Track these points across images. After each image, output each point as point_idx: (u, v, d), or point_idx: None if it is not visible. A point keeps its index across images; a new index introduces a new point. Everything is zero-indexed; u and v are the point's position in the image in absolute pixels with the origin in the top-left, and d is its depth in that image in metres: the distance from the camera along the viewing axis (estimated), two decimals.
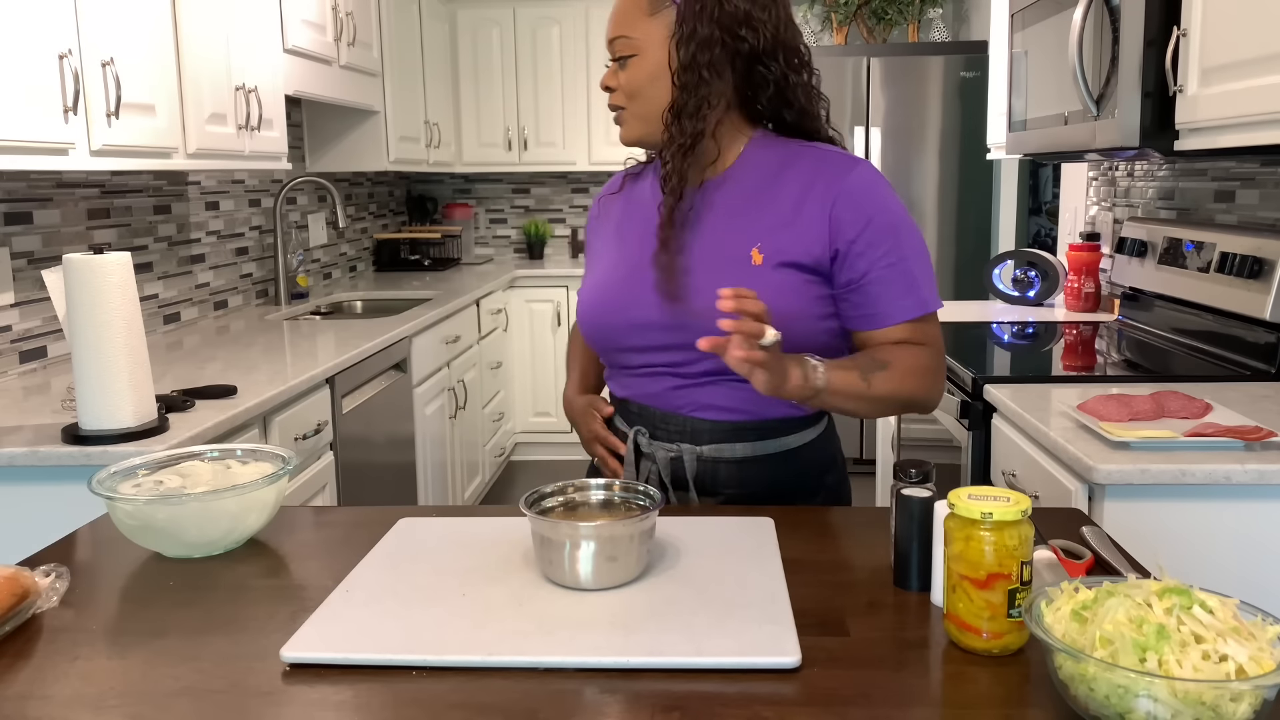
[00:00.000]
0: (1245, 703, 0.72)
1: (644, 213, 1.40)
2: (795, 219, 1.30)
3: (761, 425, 1.37)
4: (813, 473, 1.42)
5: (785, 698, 0.85)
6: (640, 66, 1.31)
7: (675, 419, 1.38)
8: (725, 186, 1.35)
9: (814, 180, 1.31)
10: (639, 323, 1.35)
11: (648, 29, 1.30)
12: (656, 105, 1.31)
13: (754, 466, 1.38)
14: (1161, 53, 1.97)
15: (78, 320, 1.65)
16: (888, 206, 1.30)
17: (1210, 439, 1.55)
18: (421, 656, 0.91)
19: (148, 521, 1.17)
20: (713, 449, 1.37)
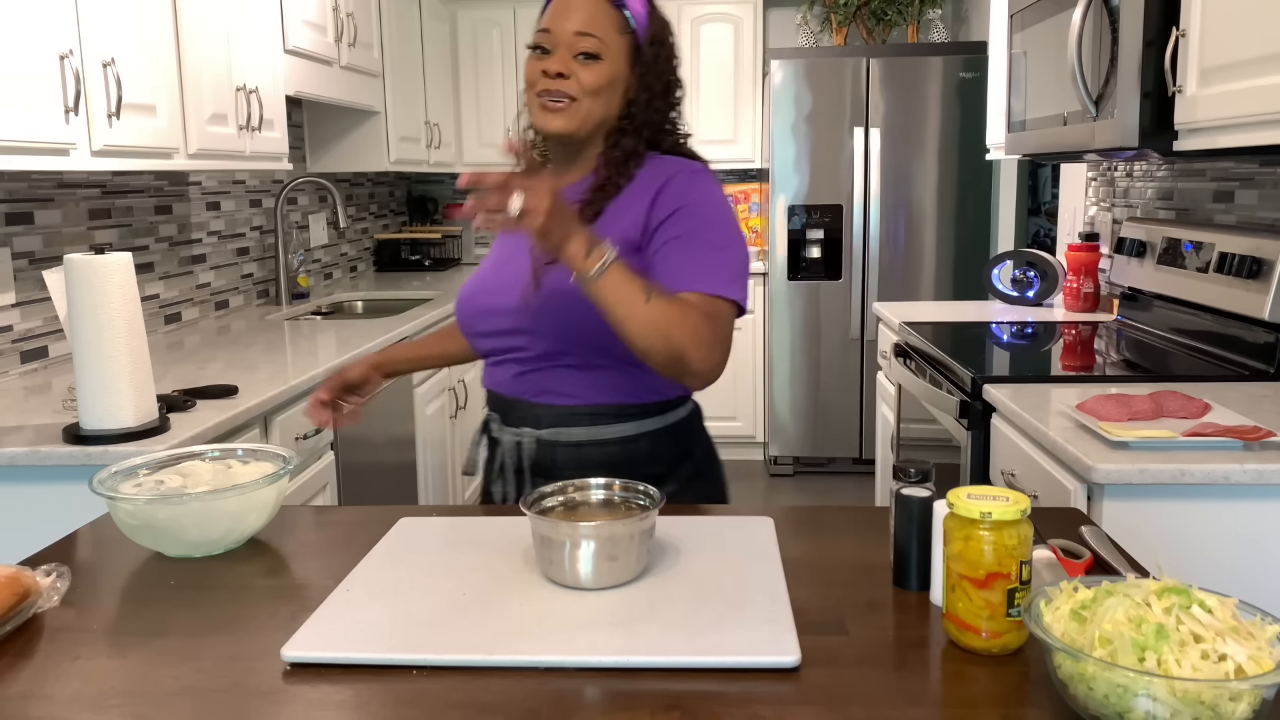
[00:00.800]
0: (1244, 702, 0.73)
1: None
2: (625, 211, 1.41)
3: (595, 411, 1.44)
4: (658, 463, 1.45)
5: (785, 697, 0.85)
6: (602, 71, 1.40)
7: (521, 404, 1.47)
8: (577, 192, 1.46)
9: (650, 177, 1.43)
10: (487, 309, 1.47)
11: (616, 41, 1.41)
12: (603, 109, 1.42)
13: (591, 451, 1.45)
14: (1161, 53, 1.97)
15: (79, 320, 1.65)
16: (704, 204, 1.40)
17: (1209, 439, 1.55)
18: (421, 656, 0.91)
19: (148, 521, 1.17)
20: (551, 432, 1.45)
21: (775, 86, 4.46)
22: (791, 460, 4.72)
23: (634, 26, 1.42)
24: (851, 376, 4.60)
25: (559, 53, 1.39)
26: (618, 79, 1.41)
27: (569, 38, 1.38)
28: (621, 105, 1.44)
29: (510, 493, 1.50)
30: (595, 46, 1.38)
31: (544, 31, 1.40)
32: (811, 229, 4.52)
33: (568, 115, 1.40)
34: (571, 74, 1.39)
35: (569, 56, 1.39)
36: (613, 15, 1.40)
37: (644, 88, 1.43)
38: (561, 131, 1.41)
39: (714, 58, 4.90)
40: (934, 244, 4.49)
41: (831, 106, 4.44)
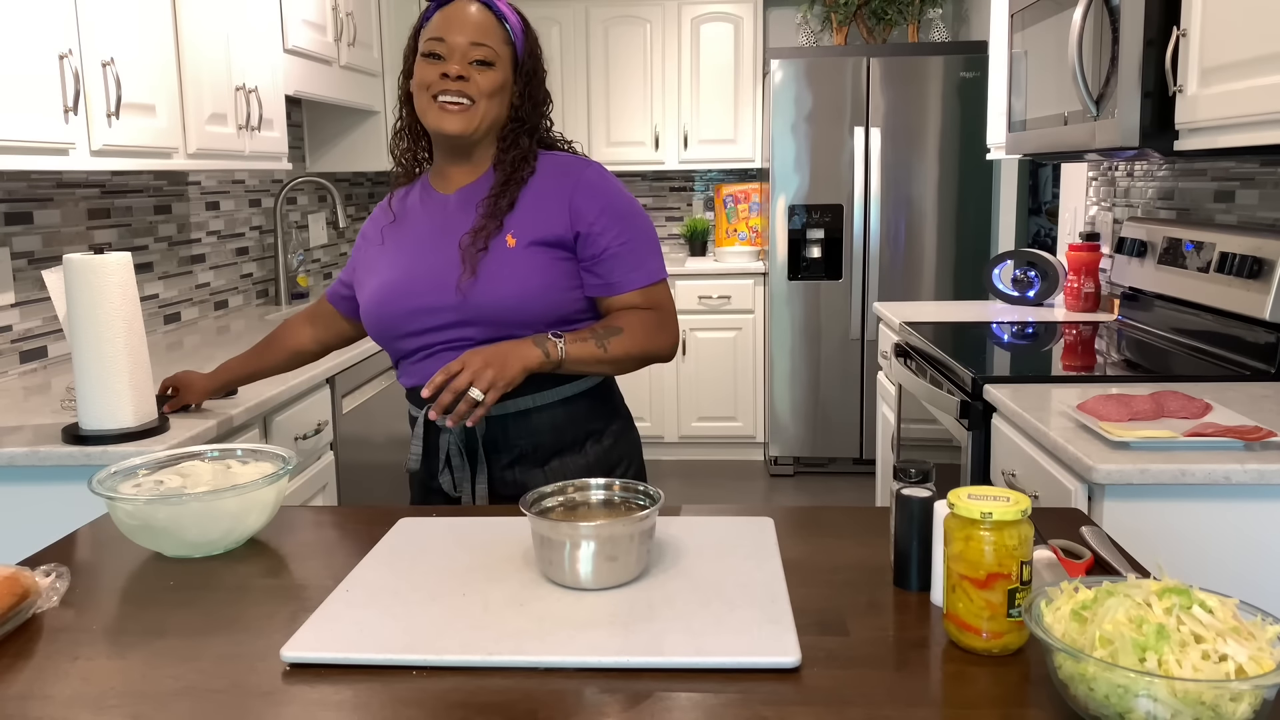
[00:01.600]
0: (1245, 702, 0.72)
1: (414, 220, 1.61)
2: (539, 206, 1.54)
3: (536, 378, 1.50)
4: (596, 419, 1.61)
5: (785, 698, 0.85)
6: (496, 77, 1.53)
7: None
8: (483, 188, 1.59)
9: (556, 178, 1.57)
10: (416, 309, 1.53)
11: (504, 51, 1.55)
12: (496, 112, 1.56)
13: (537, 417, 1.55)
14: (1161, 53, 1.97)
15: (78, 320, 1.65)
16: (618, 197, 1.57)
17: (1210, 439, 1.55)
18: (421, 656, 0.91)
19: (148, 521, 1.17)
20: (497, 407, 1.52)
21: (775, 86, 4.46)
22: (792, 460, 4.72)
23: (514, 39, 1.56)
24: (852, 376, 4.60)
25: (455, 59, 1.51)
26: (506, 85, 1.55)
27: (464, 46, 1.51)
28: (508, 109, 1.58)
29: (462, 479, 1.55)
30: (488, 55, 1.52)
31: (438, 40, 1.52)
32: (812, 229, 4.52)
33: (467, 116, 1.52)
34: (470, 78, 1.51)
35: (466, 63, 1.51)
36: (498, 28, 1.54)
37: (527, 95, 1.59)
38: (460, 132, 1.52)
39: (714, 57, 4.90)
40: (934, 244, 4.49)
41: (832, 106, 4.44)
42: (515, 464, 1.57)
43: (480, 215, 1.54)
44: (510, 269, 1.50)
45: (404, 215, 1.64)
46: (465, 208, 1.57)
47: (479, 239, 1.51)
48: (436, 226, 1.58)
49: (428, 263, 1.55)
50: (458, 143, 1.56)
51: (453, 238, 1.54)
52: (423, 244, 1.57)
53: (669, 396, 4.84)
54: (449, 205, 1.59)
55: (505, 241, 1.52)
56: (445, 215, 1.58)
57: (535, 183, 1.56)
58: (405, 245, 1.60)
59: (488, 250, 1.51)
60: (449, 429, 1.53)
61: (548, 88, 1.64)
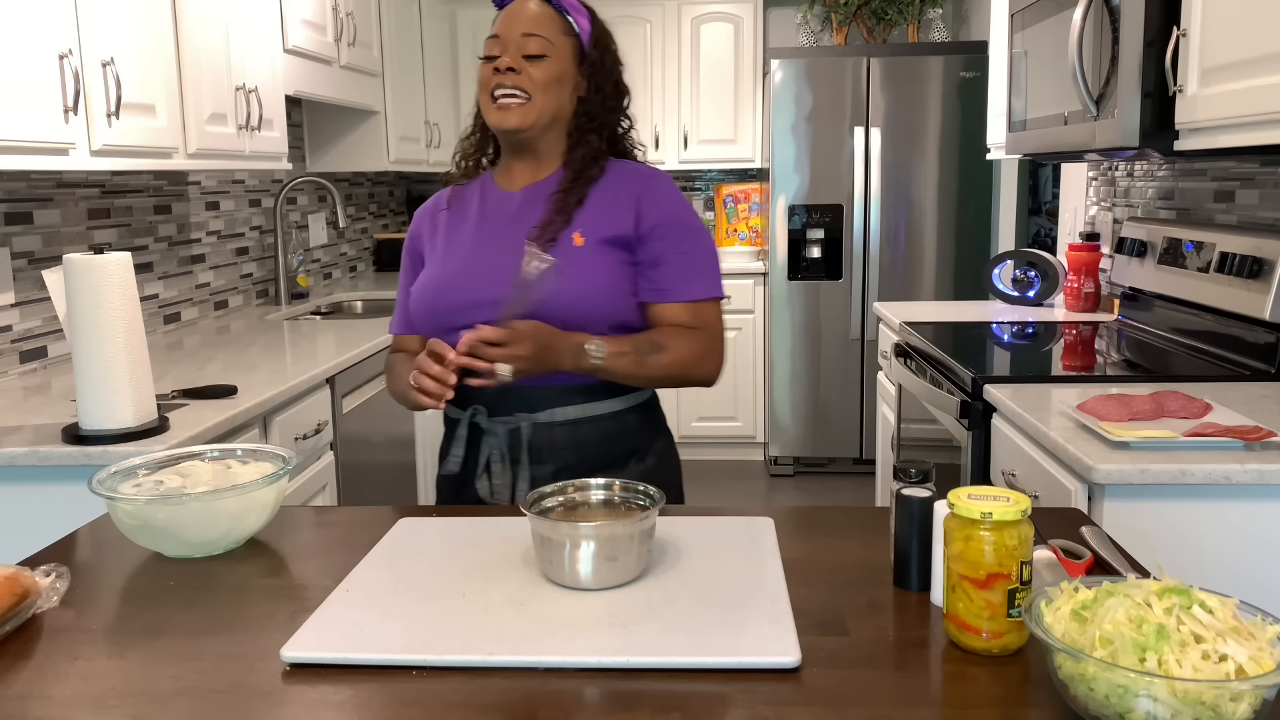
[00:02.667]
0: (1245, 702, 0.72)
1: (474, 215, 1.58)
2: (608, 207, 1.52)
3: (588, 387, 1.50)
4: (642, 436, 1.57)
5: (785, 698, 0.85)
6: (551, 69, 1.50)
7: (510, 391, 1.48)
8: (552, 186, 1.55)
9: (627, 182, 1.55)
10: (471, 302, 1.48)
11: (561, 42, 1.51)
12: (554, 105, 1.52)
13: (586, 429, 1.51)
14: (1161, 53, 1.97)
15: (78, 320, 1.65)
16: (684, 210, 1.56)
17: (1210, 439, 1.55)
18: (421, 656, 0.91)
19: (148, 521, 1.17)
20: (546, 414, 1.49)
21: (775, 86, 4.46)
22: (792, 460, 4.72)
23: (577, 30, 1.53)
24: (852, 376, 4.60)
25: (509, 52, 1.49)
26: (565, 76, 1.51)
27: (516, 39, 1.48)
28: (574, 104, 1.54)
29: (502, 486, 1.50)
30: (542, 46, 1.49)
31: (494, 38, 1.51)
32: (812, 229, 4.52)
33: (522, 111, 1.49)
34: (521, 70, 1.48)
35: (518, 55, 1.48)
36: (556, 19, 1.51)
37: (595, 88, 1.54)
38: (516, 127, 1.49)
39: (714, 57, 4.90)
40: (934, 244, 4.49)
41: (832, 106, 4.44)
42: (559, 475, 1.48)
43: (549, 210, 1.51)
44: (576, 267, 1.46)
45: (462, 210, 1.60)
46: (532, 204, 1.54)
47: (547, 233, 1.48)
48: (500, 221, 1.55)
49: (489, 256, 1.51)
50: (517, 138, 1.52)
51: (517, 233, 1.51)
52: (484, 237, 1.54)
53: (669, 396, 4.84)
54: (514, 201, 1.56)
55: (573, 239, 1.49)
56: (510, 211, 1.55)
57: (604, 183, 1.54)
58: (463, 238, 1.56)
59: (556, 244, 1.48)
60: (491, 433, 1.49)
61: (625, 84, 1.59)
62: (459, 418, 1.53)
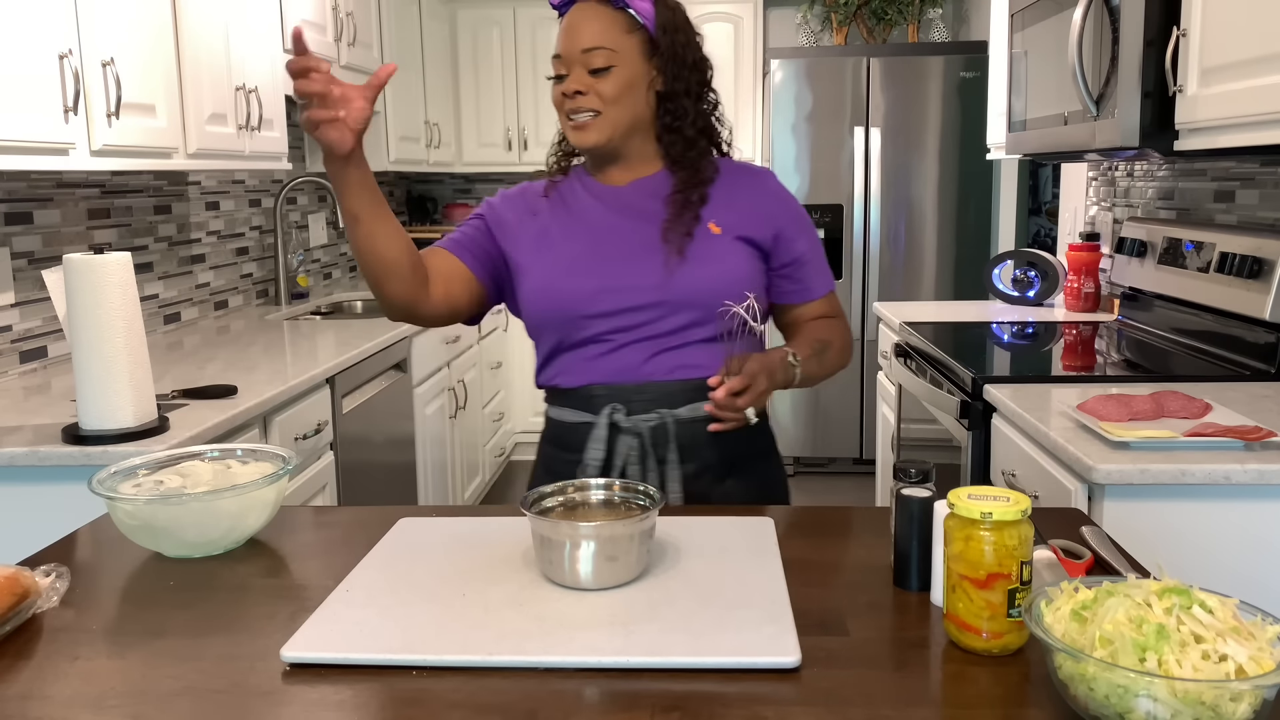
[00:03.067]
0: (1245, 702, 0.72)
1: (584, 205, 1.53)
2: (735, 205, 1.50)
3: None
4: (765, 439, 1.57)
5: (785, 698, 0.85)
6: (620, 77, 1.45)
7: (651, 387, 1.45)
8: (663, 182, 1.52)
9: (745, 180, 1.54)
10: (609, 288, 1.44)
11: (627, 44, 1.45)
12: (630, 113, 1.47)
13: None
14: (1161, 53, 1.97)
15: (78, 320, 1.65)
16: (799, 205, 1.57)
17: (1210, 439, 1.55)
18: (421, 656, 0.91)
19: (148, 521, 1.17)
20: (689, 409, 1.45)
21: (775, 86, 4.46)
22: (792, 460, 4.72)
23: (642, 22, 1.46)
24: (852, 376, 4.60)
25: (574, 72, 1.45)
26: (636, 80, 1.46)
27: (579, 56, 1.44)
28: (653, 101, 1.49)
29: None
30: (606, 58, 1.44)
31: (557, 58, 1.47)
32: None
33: (597, 128, 1.45)
34: (589, 89, 1.44)
35: (583, 73, 1.44)
36: (617, 19, 1.45)
37: (676, 78, 1.48)
38: (596, 144, 1.46)
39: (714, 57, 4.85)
40: (934, 244, 4.49)
41: (832, 106, 4.44)
42: (700, 474, 1.47)
43: (675, 206, 1.47)
44: (718, 255, 1.45)
45: (564, 203, 1.54)
46: (646, 197, 1.50)
47: (679, 226, 1.45)
48: (615, 213, 1.50)
49: (619, 244, 1.47)
50: (599, 153, 1.50)
51: (639, 222, 1.48)
52: (605, 226, 1.49)
53: None
54: (622, 196, 1.51)
55: (709, 229, 1.47)
56: (624, 203, 1.51)
57: (721, 182, 1.52)
58: (578, 229, 1.50)
59: (693, 236, 1.45)
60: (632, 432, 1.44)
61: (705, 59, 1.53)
62: (592, 421, 1.46)
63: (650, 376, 1.45)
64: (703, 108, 1.53)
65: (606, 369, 1.46)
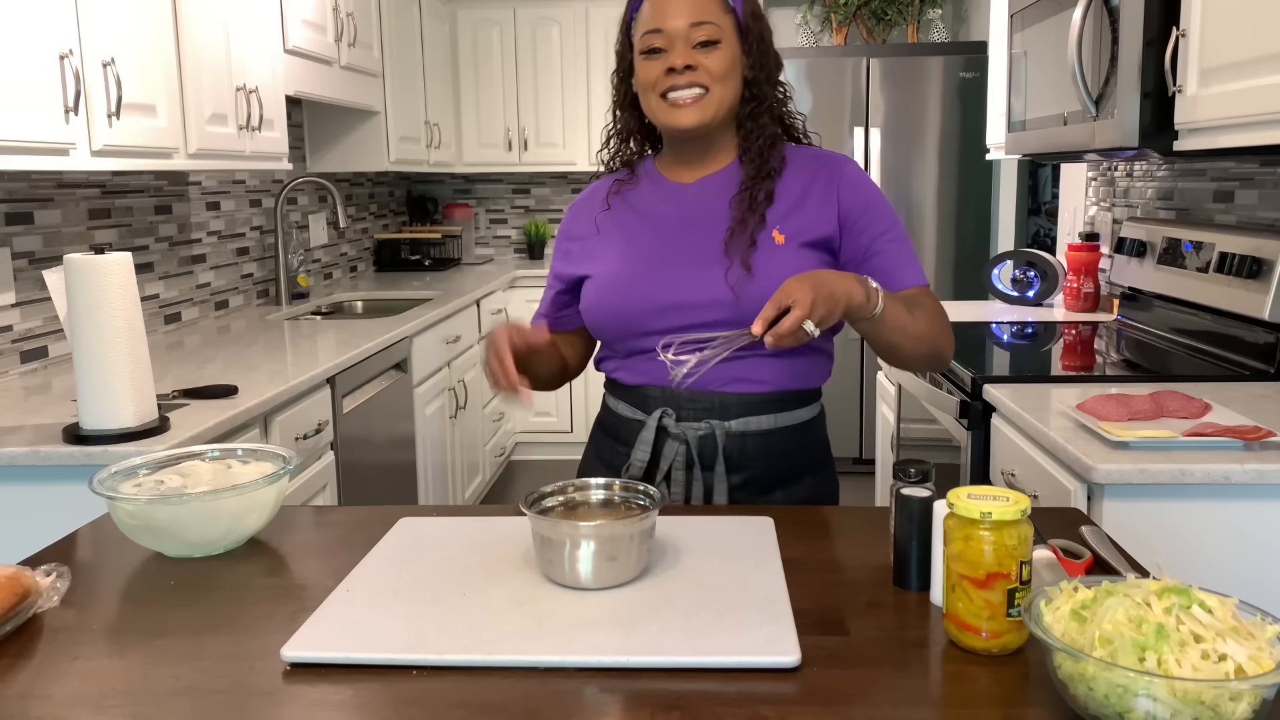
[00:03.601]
0: (1244, 702, 0.72)
1: (647, 209, 1.49)
2: (803, 204, 1.43)
3: (784, 396, 1.43)
4: (817, 450, 1.51)
5: (785, 698, 0.85)
6: (725, 56, 1.39)
7: (704, 396, 1.42)
8: (730, 178, 1.46)
9: (815, 172, 1.46)
10: (681, 303, 1.40)
11: (726, 22, 1.40)
12: (732, 94, 1.42)
13: (778, 439, 1.44)
14: (1161, 53, 1.97)
15: (78, 320, 1.65)
16: (880, 195, 1.49)
17: (1209, 439, 1.55)
18: (421, 656, 0.91)
19: (148, 521, 1.17)
20: (740, 423, 1.41)
21: None
22: None
23: (733, 5, 1.41)
24: (852, 376, 4.60)
25: (677, 47, 1.38)
26: (736, 60, 1.41)
27: (685, 30, 1.38)
28: (741, 88, 1.43)
29: (679, 492, 1.43)
30: (713, 33, 1.38)
31: (655, 32, 1.39)
32: None
33: (702, 107, 1.39)
34: (698, 64, 1.38)
35: (688, 49, 1.38)
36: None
37: (759, 66, 1.43)
38: (698, 125, 1.39)
39: None
40: (934, 244, 4.49)
41: (831, 106, 4.44)
42: (745, 485, 1.43)
43: (739, 209, 1.41)
44: (782, 268, 1.35)
45: (629, 205, 1.50)
46: (711, 198, 1.45)
47: (740, 235, 1.38)
48: (680, 216, 1.45)
49: (680, 253, 1.41)
50: (696, 135, 1.42)
51: (700, 229, 1.42)
52: (667, 234, 1.44)
53: None
54: (688, 195, 1.46)
55: (773, 238, 1.40)
56: (686, 205, 1.46)
57: (790, 176, 1.44)
58: (641, 234, 1.46)
59: (756, 246, 1.38)
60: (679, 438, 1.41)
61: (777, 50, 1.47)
62: (643, 420, 1.45)
63: (706, 386, 1.40)
64: (778, 94, 1.48)
65: (663, 372, 1.40)
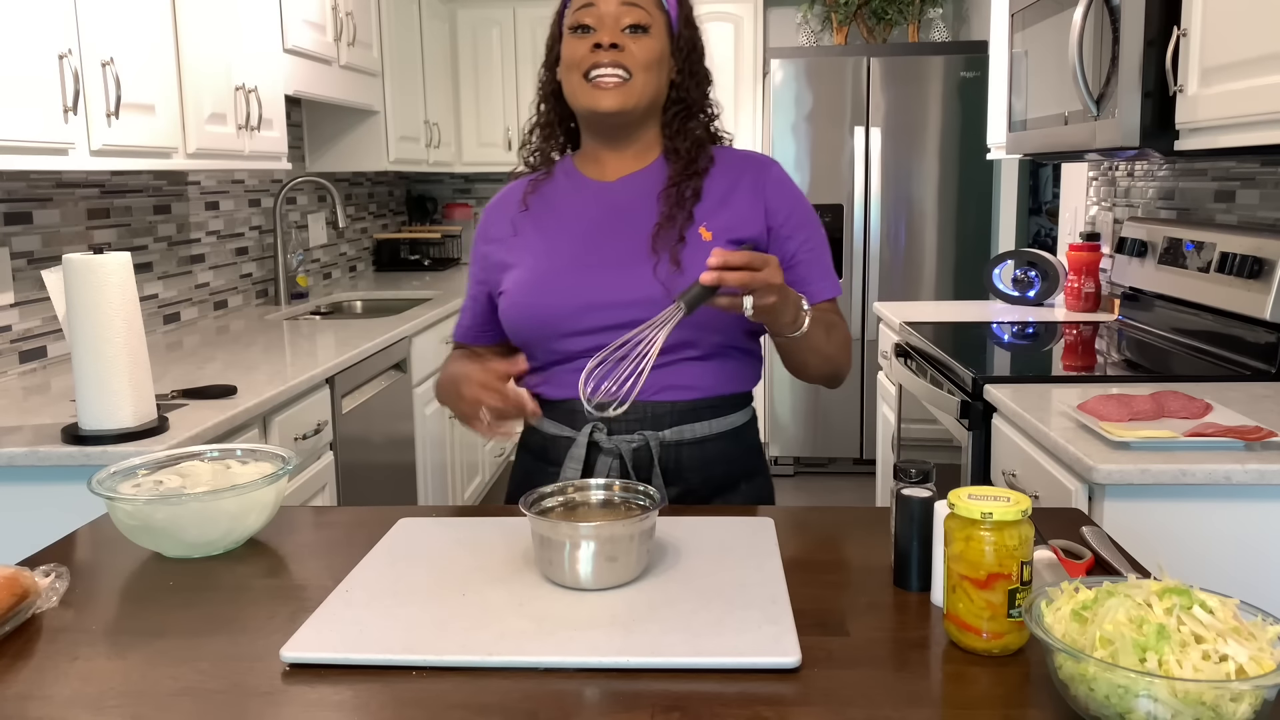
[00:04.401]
0: (1245, 703, 0.72)
1: (567, 208, 1.45)
2: (729, 201, 1.41)
3: (715, 402, 1.40)
4: (753, 456, 1.48)
5: (785, 698, 0.85)
6: (653, 45, 1.38)
7: (635, 406, 1.32)
8: (654, 177, 1.44)
9: (741, 171, 1.44)
10: (606, 302, 1.35)
11: (658, 16, 1.39)
12: (654, 87, 1.40)
13: (713, 446, 1.41)
14: (1161, 53, 1.97)
15: (78, 320, 1.65)
16: (804, 200, 1.46)
17: (1210, 439, 1.55)
18: (421, 656, 0.91)
19: (147, 521, 1.17)
20: (674, 432, 1.38)
21: (775, 86, 4.46)
22: (792, 460, 4.72)
23: (667, 7, 1.41)
24: (852, 376, 4.59)
25: (607, 25, 1.36)
26: (664, 56, 1.40)
27: (615, 9, 1.36)
28: (667, 87, 1.42)
29: None
30: (642, 18, 1.37)
31: (586, 7, 1.38)
32: None
33: (624, 92, 1.36)
34: (624, 46, 1.36)
35: (617, 29, 1.36)
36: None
37: (688, 72, 1.43)
38: (617, 109, 1.36)
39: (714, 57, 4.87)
40: (935, 244, 4.49)
41: (832, 106, 4.44)
42: (683, 498, 1.40)
43: (667, 204, 1.38)
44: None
45: (548, 205, 1.45)
46: (635, 196, 1.41)
47: (668, 230, 1.35)
48: (602, 214, 1.41)
49: (604, 252, 1.38)
50: (615, 121, 1.39)
51: (628, 227, 1.38)
52: (590, 232, 1.40)
53: None
54: (610, 193, 1.42)
55: (700, 234, 1.37)
56: (611, 203, 1.42)
57: (717, 174, 1.42)
58: (562, 236, 1.41)
59: (685, 242, 1.35)
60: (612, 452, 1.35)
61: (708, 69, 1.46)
62: (572, 436, 1.39)
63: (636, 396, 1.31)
64: (707, 109, 1.47)
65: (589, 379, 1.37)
